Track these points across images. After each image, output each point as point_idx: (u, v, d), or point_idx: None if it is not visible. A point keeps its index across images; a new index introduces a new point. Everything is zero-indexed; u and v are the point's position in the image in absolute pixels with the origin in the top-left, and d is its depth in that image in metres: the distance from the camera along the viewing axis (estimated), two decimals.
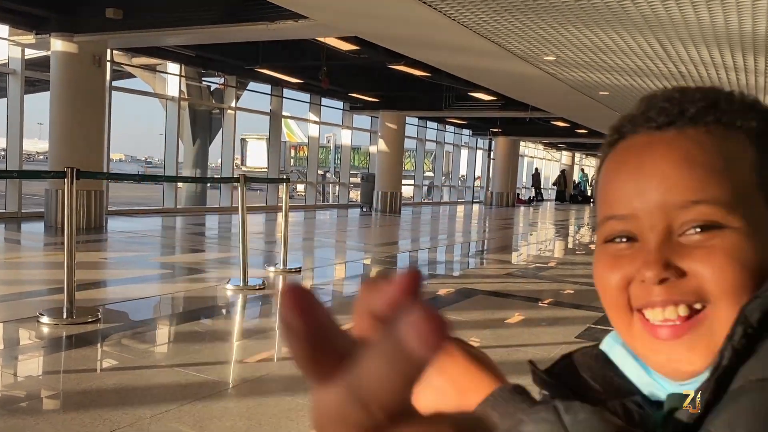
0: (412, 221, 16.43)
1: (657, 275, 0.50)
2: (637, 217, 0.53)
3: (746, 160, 0.52)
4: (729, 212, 0.50)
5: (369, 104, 17.69)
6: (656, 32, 6.29)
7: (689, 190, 0.51)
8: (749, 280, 0.49)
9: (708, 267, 0.50)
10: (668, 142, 0.53)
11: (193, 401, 2.98)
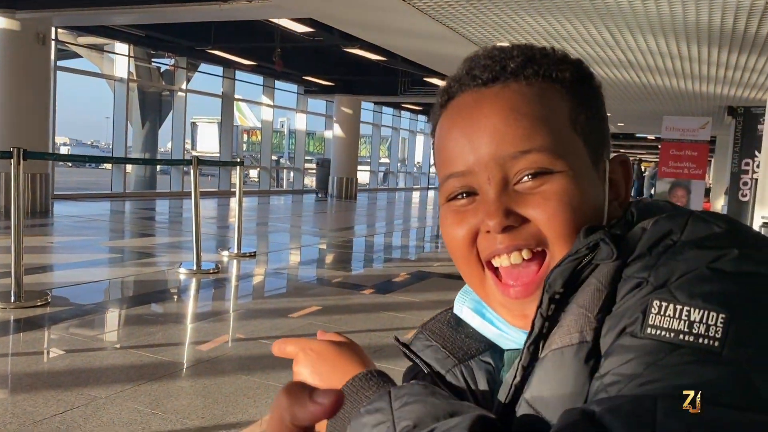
0: (368, 207, 16.47)
1: (500, 224, 0.53)
2: (474, 172, 0.55)
3: (564, 108, 0.56)
4: (555, 158, 0.54)
5: (324, 88, 17.59)
6: (606, 21, 6.44)
7: (518, 141, 0.54)
8: (579, 222, 0.53)
9: (542, 212, 0.53)
10: (494, 96, 0.55)
11: (149, 381, 2.96)
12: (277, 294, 5.42)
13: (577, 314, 0.49)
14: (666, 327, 0.43)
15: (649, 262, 0.47)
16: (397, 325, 4.28)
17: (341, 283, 5.88)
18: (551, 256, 0.54)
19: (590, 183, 0.55)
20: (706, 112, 14.11)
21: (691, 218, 0.49)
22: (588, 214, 0.54)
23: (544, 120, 0.54)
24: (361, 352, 0.60)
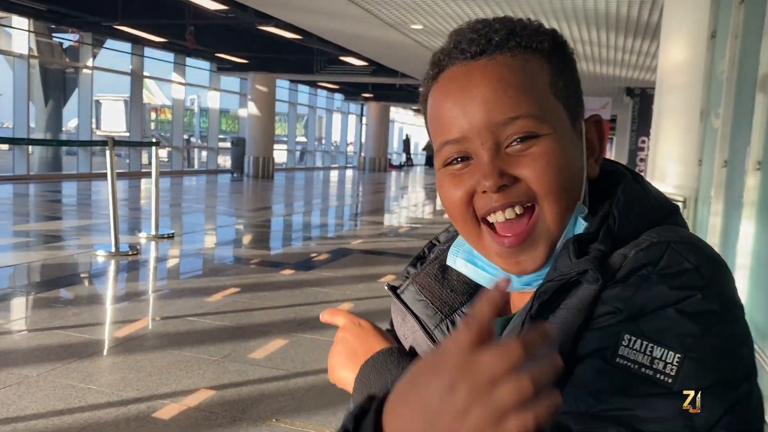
0: (285, 186, 16.45)
1: (495, 183, 0.59)
2: (468, 138, 0.60)
3: (544, 75, 0.62)
4: (540, 122, 0.60)
5: (238, 66, 17.28)
6: (512, 5, 6.80)
7: (507, 108, 0.59)
8: (564, 178, 0.60)
9: (532, 171, 0.60)
10: (483, 68, 0.61)
11: (79, 359, 3.02)
12: (199, 274, 5.48)
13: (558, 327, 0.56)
14: (632, 359, 0.51)
15: (625, 293, 0.54)
16: (321, 299, 4.46)
17: (263, 262, 5.99)
18: (540, 209, 0.61)
19: (571, 143, 0.62)
20: (607, 93, 14.98)
21: (667, 252, 0.55)
22: (571, 171, 0.61)
23: (529, 88, 0.60)
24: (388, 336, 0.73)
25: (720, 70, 4.51)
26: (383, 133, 25.75)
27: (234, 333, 3.55)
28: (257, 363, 3.09)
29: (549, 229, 0.61)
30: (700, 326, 0.52)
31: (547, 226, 0.61)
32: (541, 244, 0.61)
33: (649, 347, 0.51)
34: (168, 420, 2.45)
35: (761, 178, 3.10)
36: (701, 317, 0.52)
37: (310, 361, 3.15)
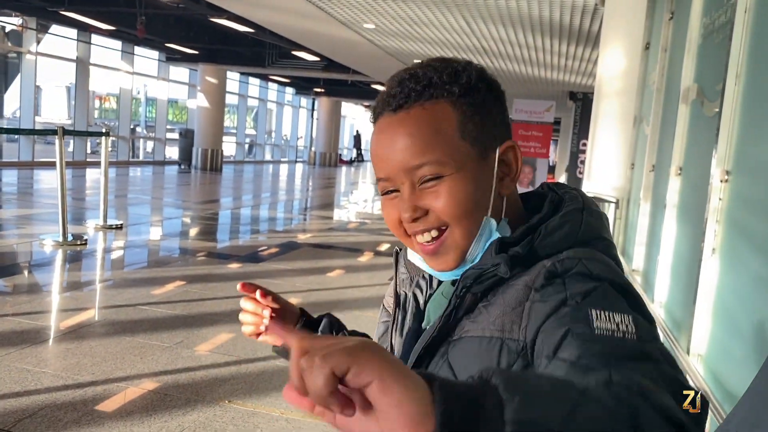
0: (235, 179, 16.36)
1: (410, 216, 0.76)
2: (391, 177, 0.78)
3: (451, 121, 0.76)
4: (442, 166, 0.75)
5: (188, 56, 17.07)
6: (462, 10, 7.03)
7: (415, 157, 0.75)
8: (465, 207, 0.76)
9: (438, 203, 0.76)
10: (398, 123, 0.76)
11: (33, 345, 3.07)
12: (149, 264, 5.51)
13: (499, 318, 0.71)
14: (605, 327, 0.63)
15: (558, 288, 0.68)
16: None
17: (212, 254, 6.06)
18: (450, 231, 0.77)
19: (479, 173, 0.77)
20: (552, 96, 15.47)
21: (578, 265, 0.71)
22: (474, 198, 0.77)
23: (434, 138, 0.75)
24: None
25: (652, 81, 4.84)
26: (334, 128, 25.79)
27: (186, 321, 3.65)
28: (209, 350, 3.21)
29: (457, 242, 0.77)
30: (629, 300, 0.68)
31: (456, 240, 0.77)
32: (451, 252, 0.78)
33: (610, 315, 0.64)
34: (124, 402, 2.55)
35: (681, 183, 3.40)
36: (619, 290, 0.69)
37: (260, 349, 3.28)
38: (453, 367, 0.73)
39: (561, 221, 0.76)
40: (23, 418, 2.33)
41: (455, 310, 0.75)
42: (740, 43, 2.35)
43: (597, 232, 0.79)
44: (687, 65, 3.33)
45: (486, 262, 0.74)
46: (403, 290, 0.89)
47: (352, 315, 4.03)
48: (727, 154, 2.40)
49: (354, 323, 3.64)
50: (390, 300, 0.91)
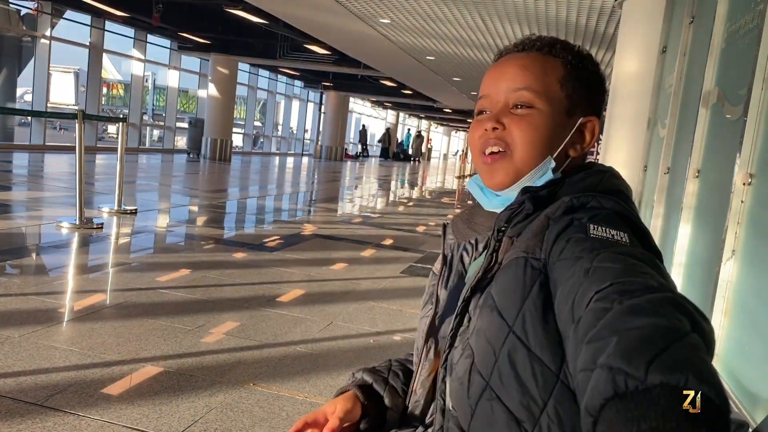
0: (244, 170, 16.43)
1: (494, 124, 0.89)
2: (493, 96, 0.92)
3: (558, 73, 0.90)
4: (538, 97, 0.88)
5: (200, 46, 17.13)
6: (479, 8, 7.07)
7: (520, 81, 0.89)
8: (540, 140, 0.88)
9: (518, 126, 0.89)
10: (518, 56, 0.92)
11: (58, 323, 3.14)
12: (167, 249, 5.57)
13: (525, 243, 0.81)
14: (600, 235, 0.75)
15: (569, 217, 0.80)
16: (287, 278, 4.64)
17: (229, 241, 6.12)
18: (512, 154, 0.89)
19: (560, 123, 0.90)
20: None
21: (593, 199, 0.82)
22: (545, 141, 0.89)
23: (542, 76, 0.89)
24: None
25: (668, 84, 4.88)
26: (341, 122, 25.84)
27: (206, 306, 3.71)
28: (231, 333, 3.27)
29: (516, 164, 0.89)
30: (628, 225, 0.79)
31: (516, 163, 0.89)
32: (506, 171, 0.90)
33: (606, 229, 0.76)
34: (151, 381, 2.61)
35: (699, 185, 3.44)
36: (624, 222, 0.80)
37: (281, 334, 3.34)
38: (494, 297, 0.81)
39: (584, 176, 0.89)
40: (54, 393, 2.39)
41: (495, 252, 0.85)
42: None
43: (617, 188, 0.89)
44: (709, 69, 3.38)
45: (513, 203, 0.87)
46: (450, 251, 1.00)
47: (367, 306, 4.09)
48: (751, 158, 2.45)
49: (368, 314, 3.71)
50: (438, 266, 1.02)
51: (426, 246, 6.73)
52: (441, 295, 0.96)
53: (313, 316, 3.73)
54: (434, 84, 16.75)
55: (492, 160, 0.90)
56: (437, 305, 0.96)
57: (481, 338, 0.80)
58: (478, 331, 0.82)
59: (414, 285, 4.88)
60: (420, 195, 14.80)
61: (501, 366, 0.77)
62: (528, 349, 0.76)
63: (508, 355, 0.77)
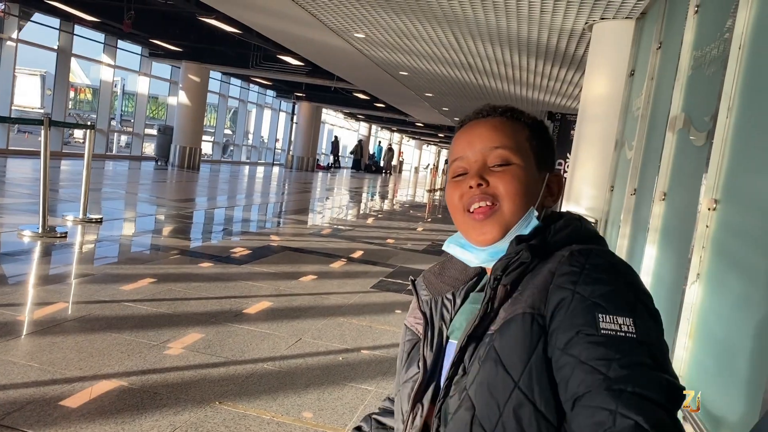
0: (213, 179, 16.25)
1: (478, 180, 0.93)
2: (469, 157, 0.96)
3: (523, 134, 0.97)
4: (513, 154, 0.94)
5: (171, 53, 16.96)
6: (452, 26, 7.14)
7: (495, 140, 0.95)
8: (520, 191, 0.92)
9: (502, 181, 0.93)
10: (484, 121, 0.99)
11: (17, 337, 3.04)
12: (133, 260, 5.46)
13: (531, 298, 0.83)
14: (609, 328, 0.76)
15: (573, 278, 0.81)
16: (255, 292, 4.59)
17: (196, 252, 6.03)
18: (501, 206, 0.93)
19: (533, 178, 0.96)
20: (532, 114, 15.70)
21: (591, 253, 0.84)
22: (527, 190, 0.94)
23: (510, 134, 0.96)
24: None
25: (636, 107, 4.98)
26: (313, 133, 25.78)
27: (172, 320, 3.64)
28: (196, 349, 3.21)
29: (505, 217, 0.92)
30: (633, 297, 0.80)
31: (504, 214, 0.92)
32: (496, 225, 0.93)
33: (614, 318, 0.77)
34: (114, 399, 2.55)
35: (665, 208, 3.51)
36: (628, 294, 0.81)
37: (248, 350, 3.30)
38: (498, 351, 0.82)
39: (564, 224, 0.93)
40: (12, 411, 2.31)
41: (491, 301, 0.87)
42: (734, 77, 2.46)
43: (595, 233, 0.96)
44: (676, 94, 3.45)
45: (510, 252, 0.89)
46: (427, 309, 1.01)
47: (336, 321, 4.06)
48: (716, 184, 2.50)
49: (337, 329, 3.68)
50: (412, 320, 1.03)
51: (396, 260, 6.73)
52: (428, 356, 0.98)
53: (280, 331, 3.68)
54: (407, 98, 16.85)
55: (482, 215, 0.93)
56: (425, 369, 0.97)
57: (484, 391, 0.82)
58: (480, 384, 0.83)
59: (384, 300, 4.87)
60: (391, 207, 14.82)
61: (506, 422, 0.79)
62: (534, 406, 0.78)
63: (513, 411, 0.79)
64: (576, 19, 5.93)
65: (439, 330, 0.99)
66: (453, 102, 15.77)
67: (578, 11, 5.64)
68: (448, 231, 10.20)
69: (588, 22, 5.96)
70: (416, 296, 1.04)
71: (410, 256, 7.26)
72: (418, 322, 1.02)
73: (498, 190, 0.93)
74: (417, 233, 9.84)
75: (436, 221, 12.22)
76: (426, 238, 9.22)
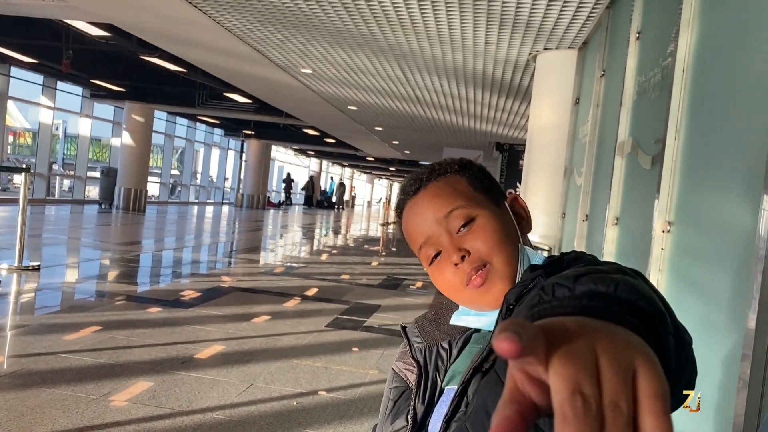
0: (160, 220, 15.83)
1: (458, 254, 0.86)
2: (431, 236, 0.89)
3: (462, 182, 0.91)
4: (469, 208, 0.88)
5: (114, 93, 16.60)
6: (399, 60, 7.18)
7: (444, 207, 0.88)
8: (500, 237, 0.87)
9: (477, 240, 0.86)
10: (422, 195, 0.91)
11: None
12: (73, 308, 5.17)
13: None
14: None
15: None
16: (203, 337, 4.38)
17: (139, 298, 5.76)
18: (492, 264, 0.86)
19: (500, 217, 0.90)
20: (479, 146, 15.97)
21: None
22: (505, 231, 0.88)
23: (454, 192, 0.89)
24: None
25: (583, 134, 5.05)
26: (263, 170, 25.55)
27: (113, 371, 3.41)
28: (140, 401, 3.00)
29: (502, 270, 0.86)
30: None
31: (499, 269, 0.86)
32: (499, 282, 0.86)
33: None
34: None
35: (619, 232, 3.51)
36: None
37: (196, 399, 3.10)
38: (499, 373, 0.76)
39: (576, 255, 0.85)
40: None
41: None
42: (679, 99, 2.47)
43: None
44: (622, 119, 3.49)
45: (524, 279, 0.81)
46: (421, 357, 0.94)
47: (290, 364, 3.90)
48: (668, 206, 2.49)
49: (291, 372, 3.52)
50: (402, 365, 0.97)
51: (351, 296, 6.59)
52: (419, 409, 0.89)
53: (231, 377, 3.49)
54: (357, 133, 16.89)
55: (481, 280, 0.86)
56: (414, 423, 0.89)
57: (481, 415, 0.74)
58: (476, 409, 0.76)
59: (340, 339, 4.72)
60: (344, 243, 14.68)
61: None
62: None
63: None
64: (520, 50, 6.03)
65: (433, 381, 0.91)
66: (403, 135, 15.88)
67: (522, 43, 5.74)
68: (404, 263, 10.14)
69: (532, 53, 6.07)
70: (408, 342, 0.96)
71: (366, 291, 7.12)
72: (408, 369, 0.95)
73: (479, 250, 0.86)
74: (372, 267, 9.72)
75: (391, 254, 12.14)
76: (381, 272, 9.12)
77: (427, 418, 0.88)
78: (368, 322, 5.38)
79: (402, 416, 0.90)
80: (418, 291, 7.50)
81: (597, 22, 4.81)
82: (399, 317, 5.65)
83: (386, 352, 4.41)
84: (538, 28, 5.21)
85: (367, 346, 4.56)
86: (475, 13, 5.05)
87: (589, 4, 4.50)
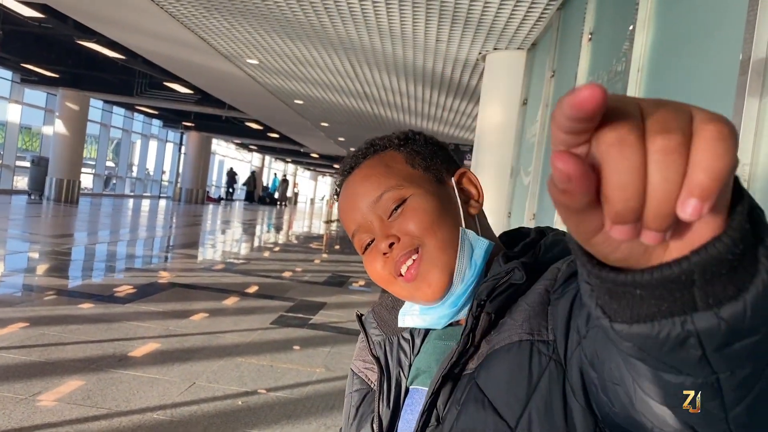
0: (94, 213, 15.22)
1: (386, 242, 0.77)
2: (363, 222, 0.80)
3: (399, 159, 0.82)
4: (401, 189, 0.79)
5: (46, 79, 15.84)
6: (349, 54, 7.09)
7: (374, 190, 0.80)
8: (436, 218, 0.77)
9: (408, 222, 0.77)
10: (354, 176, 0.83)
11: None
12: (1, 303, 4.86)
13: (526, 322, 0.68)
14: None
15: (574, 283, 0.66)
16: (141, 334, 4.20)
17: (74, 292, 5.48)
18: (425, 247, 0.77)
19: (440, 191, 0.81)
20: None
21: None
22: (441, 214, 0.78)
23: (387, 171, 0.81)
24: None
25: (531, 134, 5.10)
26: (203, 164, 24.95)
27: (44, 369, 3.21)
28: (73, 401, 2.83)
29: (436, 256, 0.76)
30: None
31: (433, 254, 0.76)
32: (434, 270, 0.75)
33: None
34: None
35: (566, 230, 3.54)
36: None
37: (134, 399, 2.95)
38: (484, 390, 0.67)
39: (554, 239, 0.79)
40: None
41: (472, 332, 0.70)
42: None
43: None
44: None
45: (497, 272, 0.72)
46: (381, 352, 0.84)
47: (234, 362, 3.77)
48: None
49: (235, 371, 3.40)
50: (361, 365, 0.87)
51: (295, 293, 6.47)
52: (383, 414, 0.79)
53: (171, 375, 3.34)
54: (302, 128, 16.69)
55: (414, 270, 0.77)
56: (381, 428, 0.79)
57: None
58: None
59: (285, 336, 4.61)
60: (287, 240, 14.47)
61: None
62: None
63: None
64: (470, 49, 6.05)
65: (397, 380, 0.81)
66: (349, 131, 15.79)
67: (472, 42, 5.75)
68: (348, 261, 10.06)
69: (482, 52, 6.10)
70: (365, 336, 0.87)
71: (310, 288, 7.01)
72: (368, 368, 0.85)
73: (410, 234, 0.77)
74: (316, 265, 9.60)
75: (335, 252, 12.04)
76: (326, 270, 9.01)
77: (396, 421, 0.79)
78: (314, 320, 5.28)
79: (367, 424, 0.81)
80: (363, 288, 7.44)
81: (548, 23, 4.86)
82: (345, 314, 5.57)
83: (333, 350, 4.33)
84: (489, 28, 5.23)
85: (313, 344, 4.47)
86: (427, 10, 5.02)
87: (540, 5, 4.54)
